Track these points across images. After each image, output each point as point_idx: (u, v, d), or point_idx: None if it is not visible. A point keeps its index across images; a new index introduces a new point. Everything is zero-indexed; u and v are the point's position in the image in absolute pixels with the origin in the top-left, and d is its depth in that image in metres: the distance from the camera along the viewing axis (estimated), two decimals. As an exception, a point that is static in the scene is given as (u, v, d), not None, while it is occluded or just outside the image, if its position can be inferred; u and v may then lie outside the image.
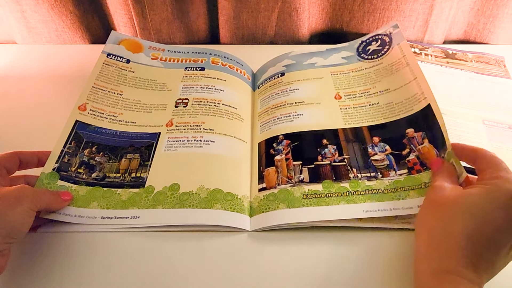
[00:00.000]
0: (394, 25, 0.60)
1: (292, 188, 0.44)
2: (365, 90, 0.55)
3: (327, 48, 0.63)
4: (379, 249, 0.39)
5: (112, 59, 0.58)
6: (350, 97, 0.54)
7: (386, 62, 0.57)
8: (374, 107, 0.52)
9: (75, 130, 0.48)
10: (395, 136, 0.47)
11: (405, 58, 0.55)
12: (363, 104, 0.53)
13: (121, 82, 0.56)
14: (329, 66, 0.60)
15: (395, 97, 0.52)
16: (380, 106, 0.52)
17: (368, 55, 0.60)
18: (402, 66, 0.54)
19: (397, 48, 0.57)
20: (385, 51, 0.58)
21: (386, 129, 0.49)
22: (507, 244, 0.30)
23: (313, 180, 0.44)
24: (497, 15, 0.68)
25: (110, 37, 0.61)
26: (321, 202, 0.41)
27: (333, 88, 0.56)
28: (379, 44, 0.60)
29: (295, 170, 0.46)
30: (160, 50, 0.63)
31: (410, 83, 0.51)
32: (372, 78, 0.56)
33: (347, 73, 0.58)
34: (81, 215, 0.41)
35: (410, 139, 0.46)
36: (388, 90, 0.53)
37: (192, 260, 0.38)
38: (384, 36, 0.60)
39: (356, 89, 0.55)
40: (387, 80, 0.55)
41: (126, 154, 0.47)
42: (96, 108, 0.51)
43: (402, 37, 0.57)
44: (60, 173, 0.44)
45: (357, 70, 0.58)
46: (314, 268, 0.38)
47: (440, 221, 0.32)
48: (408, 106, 0.49)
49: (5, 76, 0.64)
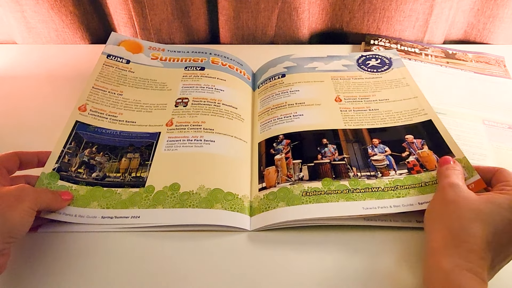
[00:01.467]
0: (394, 52, 0.63)
1: (291, 186, 0.44)
2: (365, 96, 0.55)
3: (328, 55, 0.63)
4: (381, 249, 0.39)
5: (112, 60, 0.58)
6: (350, 100, 0.55)
7: (386, 78, 0.59)
8: (373, 112, 0.52)
9: (75, 131, 0.48)
10: (395, 139, 0.48)
11: (406, 79, 0.57)
12: (363, 109, 0.53)
13: (121, 83, 0.56)
14: (330, 71, 0.60)
15: (395, 107, 0.53)
16: (379, 112, 0.52)
17: (368, 68, 0.61)
18: (402, 85, 0.57)
19: (397, 70, 0.59)
20: (385, 69, 0.60)
21: (386, 133, 0.49)
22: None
23: (312, 178, 0.44)
24: (497, 15, 0.68)
25: (110, 38, 0.61)
26: (321, 199, 0.41)
27: (333, 91, 0.56)
28: (379, 62, 0.61)
29: (295, 168, 0.46)
30: (160, 50, 0.63)
31: (410, 100, 0.53)
32: (371, 87, 0.57)
33: (347, 79, 0.59)
34: (81, 215, 0.41)
35: (409, 143, 0.47)
36: (388, 100, 0.54)
37: (192, 260, 0.38)
38: (384, 58, 0.62)
39: (356, 94, 0.56)
40: (386, 92, 0.56)
41: (126, 154, 0.47)
42: (96, 108, 0.51)
43: (402, 64, 0.60)
44: (60, 173, 0.43)
45: (357, 78, 0.59)
46: (314, 268, 0.37)
47: (459, 220, 0.33)
48: (407, 116, 0.51)
49: (5, 76, 0.64)
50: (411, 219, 0.41)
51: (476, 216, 0.32)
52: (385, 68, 0.60)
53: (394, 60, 0.62)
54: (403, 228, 0.41)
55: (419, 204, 0.40)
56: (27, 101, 0.59)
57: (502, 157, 0.48)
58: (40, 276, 0.37)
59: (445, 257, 0.31)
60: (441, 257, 0.31)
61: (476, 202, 0.33)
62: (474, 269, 0.30)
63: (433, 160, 0.44)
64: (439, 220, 0.34)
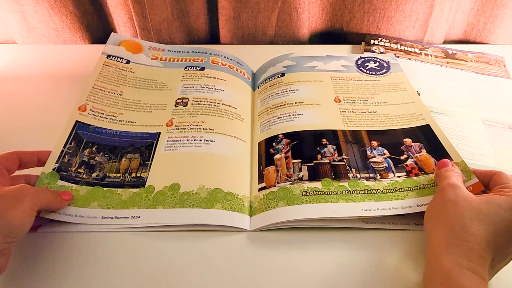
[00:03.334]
0: (392, 57, 0.64)
1: (291, 186, 0.44)
2: (364, 98, 0.55)
3: (327, 54, 0.63)
4: (381, 248, 0.39)
5: (112, 60, 0.58)
6: (349, 101, 0.55)
7: (385, 81, 0.59)
8: (372, 114, 0.52)
9: (75, 131, 0.48)
10: (393, 142, 0.48)
11: (403, 84, 0.58)
12: (362, 110, 0.53)
13: (121, 83, 0.56)
14: (329, 71, 0.60)
15: (393, 111, 0.53)
16: (378, 114, 0.52)
17: (366, 70, 0.61)
18: (400, 89, 0.57)
19: (395, 75, 0.59)
20: (383, 72, 0.60)
21: (385, 135, 0.49)
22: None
23: (312, 178, 0.44)
24: (497, 15, 0.68)
25: (110, 39, 0.61)
26: (320, 199, 0.41)
27: (332, 91, 0.56)
28: (377, 65, 0.62)
29: (295, 168, 0.46)
30: (160, 50, 0.63)
31: (408, 104, 0.54)
32: (370, 90, 0.57)
33: (347, 80, 0.59)
34: (82, 215, 0.41)
35: (408, 147, 0.47)
36: (386, 103, 0.54)
37: (192, 260, 0.38)
38: (382, 61, 0.62)
39: (355, 95, 0.56)
40: (385, 95, 0.56)
41: (126, 154, 0.47)
42: (96, 108, 0.51)
43: (400, 69, 0.61)
44: (60, 173, 0.43)
45: (356, 79, 0.59)
46: (314, 268, 0.37)
47: (460, 220, 0.33)
48: (406, 120, 0.51)
49: (5, 76, 0.64)
50: (409, 221, 0.41)
51: (476, 215, 0.32)
52: (383, 71, 0.60)
53: (392, 64, 0.62)
54: (403, 229, 0.41)
55: (418, 206, 0.40)
56: (27, 101, 0.59)
57: (502, 157, 0.48)
58: (40, 276, 0.37)
59: (446, 256, 0.31)
60: (442, 256, 0.31)
61: (476, 202, 0.34)
62: (475, 268, 0.30)
63: (431, 163, 0.44)
64: (440, 220, 0.35)
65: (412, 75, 0.61)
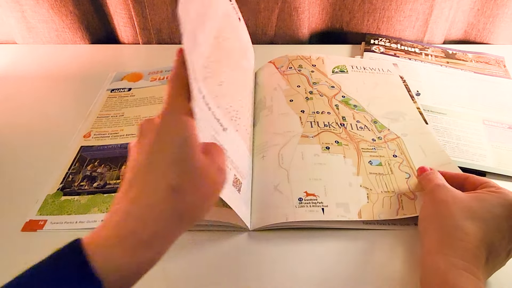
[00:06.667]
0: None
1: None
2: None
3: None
4: (381, 248, 0.39)
5: (115, 92, 0.61)
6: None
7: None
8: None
9: (80, 153, 0.49)
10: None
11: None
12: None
13: (123, 106, 0.58)
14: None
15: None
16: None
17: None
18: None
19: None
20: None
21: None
22: (505, 251, 0.32)
23: None
24: (497, 15, 0.68)
25: (114, 77, 0.64)
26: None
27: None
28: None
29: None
30: (158, 73, 0.65)
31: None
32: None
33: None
34: (82, 221, 0.41)
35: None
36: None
37: (192, 260, 0.38)
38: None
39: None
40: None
41: (126, 162, 0.48)
42: (99, 132, 0.53)
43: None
44: (64, 190, 0.45)
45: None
46: (315, 268, 0.37)
47: (452, 220, 0.33)
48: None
49: (5, 76, 0.64)
50: (409, 222, 0.41)
51: (468, 214, 0.33)
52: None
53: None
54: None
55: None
56: (27, 101, 0.59)
57: (502, 157, 0.48)
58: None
59: (442, 257, 0.31)
60: (437, 257, 0.31)
61: (467, 200, 0.34)
62: (471, 269, 0.30)
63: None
64: (433, 221, 0.35)
65: (412, 75, 0.61)
